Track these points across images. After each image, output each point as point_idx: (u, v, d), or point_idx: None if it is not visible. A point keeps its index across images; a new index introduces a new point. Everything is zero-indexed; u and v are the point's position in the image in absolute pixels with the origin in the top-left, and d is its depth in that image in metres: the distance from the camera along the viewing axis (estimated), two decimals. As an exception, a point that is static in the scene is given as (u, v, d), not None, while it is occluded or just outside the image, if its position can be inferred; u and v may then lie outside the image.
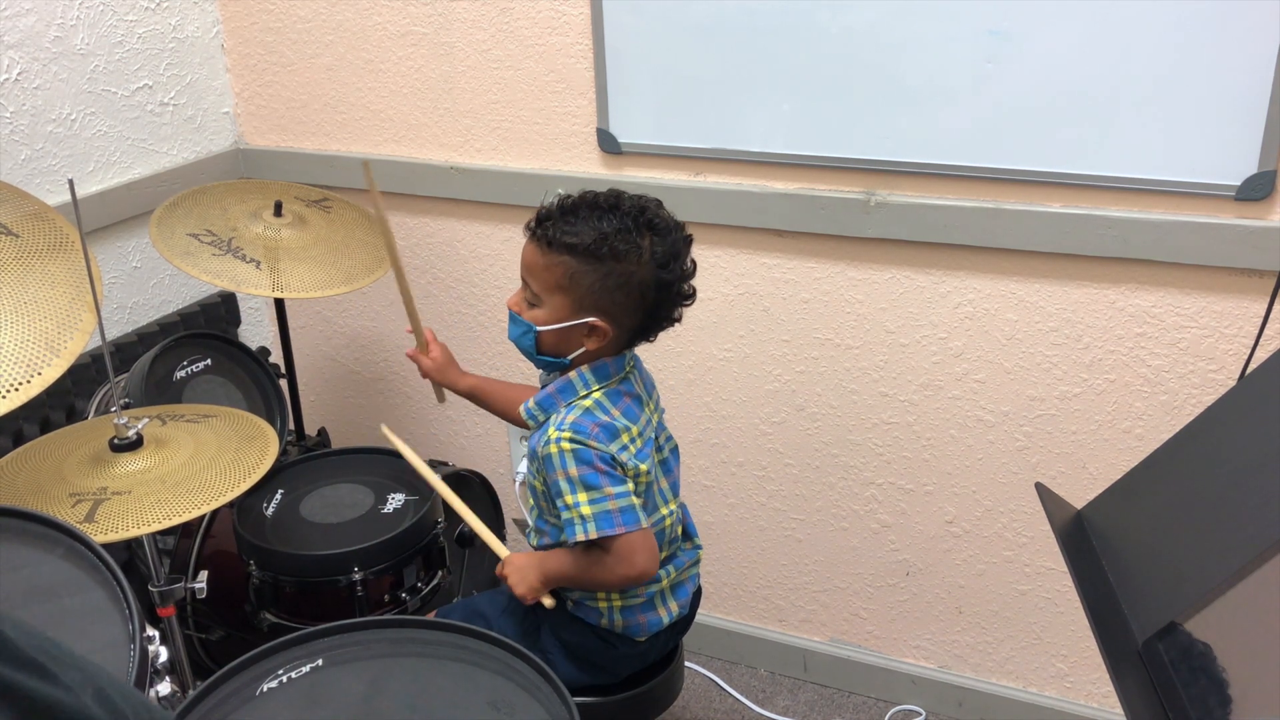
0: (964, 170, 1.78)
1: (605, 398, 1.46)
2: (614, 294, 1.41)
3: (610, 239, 1.38)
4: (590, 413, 1.44)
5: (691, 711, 2.22)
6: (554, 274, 1.41)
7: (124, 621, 1.13)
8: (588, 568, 1.47)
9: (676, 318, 1.49)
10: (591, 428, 1.42)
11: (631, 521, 1.41)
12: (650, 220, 1.42)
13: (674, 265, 1.43)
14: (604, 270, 1.39)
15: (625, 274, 1.40)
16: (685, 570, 1.61)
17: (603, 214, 1.40)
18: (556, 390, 1.48)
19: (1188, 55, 1.58)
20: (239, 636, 1.87)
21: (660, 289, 1.43)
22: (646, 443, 1.49)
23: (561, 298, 1.42)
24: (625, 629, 1.56)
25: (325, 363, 2.56)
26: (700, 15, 1.85)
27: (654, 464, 1.51)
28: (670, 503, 1.56)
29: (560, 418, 1.44)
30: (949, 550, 2.05)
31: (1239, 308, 1.70)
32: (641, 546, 1.43)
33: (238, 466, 1.55)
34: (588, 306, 1.42)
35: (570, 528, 1.42)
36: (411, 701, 1.18)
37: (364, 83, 2.23)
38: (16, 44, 1.92)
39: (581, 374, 1.47)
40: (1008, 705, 2.10)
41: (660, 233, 1.42)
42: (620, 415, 1.46)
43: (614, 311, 1.42)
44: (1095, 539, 1.11)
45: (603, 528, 1.40)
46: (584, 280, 1.40)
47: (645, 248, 1.40)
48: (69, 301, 1.41)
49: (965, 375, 1.92)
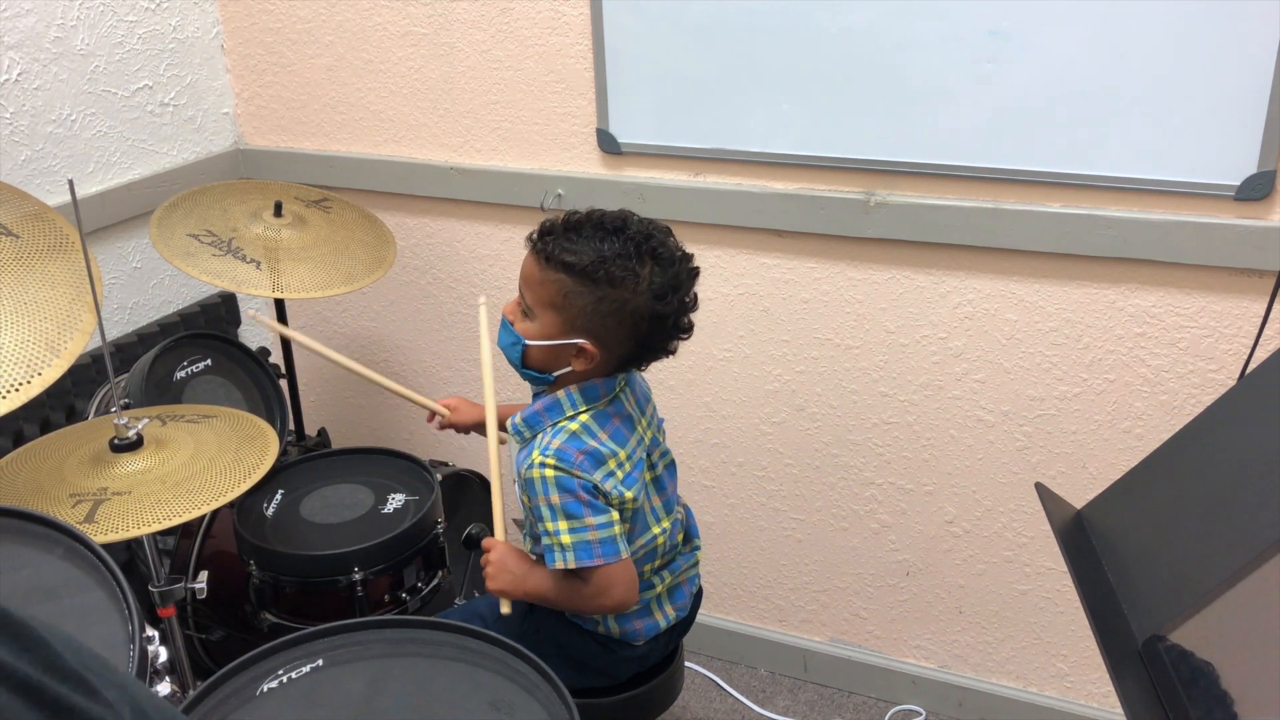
0: (964, 170, 1.78)
1: (593, 420, 1.43)
2: (606, 319, 1.37)
3: (608, 263, 1.34)
4: (576, 437, 1.41)
5: (691, 711, 2.22)
6: (548, 290, 1.39)
7: (124, 621, 1.13)
8: (565, 594, 1.46)
9: (671, 350, 1.45)
10: (576, 455, 1.39)
11: (611, 553, 1.40)
12: (654, 248, 1.38)
13: (671, 298, 1.38)
14: (598, 294, 1.36)
15: (619, 300, 1.36)
16: (683, 573, 1.61)
17: (606, 236, 1.36)
18: (544, 409, 1.45)
19: (1187, 55, 1.58)
20: (239, 636, 1.87)
21: (654, 320, 1.39)
22: (636, 465, 1.46)
23: (553, 315, 1.39)
24: (622, 635, 1.56)
25: (325, 363, 2.55)
26: (700, 15, 1.85)
27: (643, 486, 1.48)
28: (663, 520, 1.53)
29: (545, 440, 1.42)
30: (949, 550, 2.05)
31: (1239, 308, 1.70)
32: (620, 579, 1.42)
33: (238, 466, 1.55)
34: (578, 328, 1.39)
35: (550, 554, 1.41)
36: (411, 701, 1.18)
37: (364, 83, 2.23)
38: (16, 44, 1.93)
39: (570, 394, 1.44)
40: (1008, 705, 2.10)
41: (662, 262, 1.38)
42: (608, 439, 1.43)
43: (604, 337, 1.39)
44: (1095, 539, 1.11)
45: (581, 559, 1.39)
46: (577, 301, 1.37)
47: (644, 276, 1.36)
48: (69, 302, 1.41)
49: (965, 375, 1.92)
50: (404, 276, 2.35)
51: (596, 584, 1.42)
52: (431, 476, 1.85)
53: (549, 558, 1.42)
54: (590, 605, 1.46)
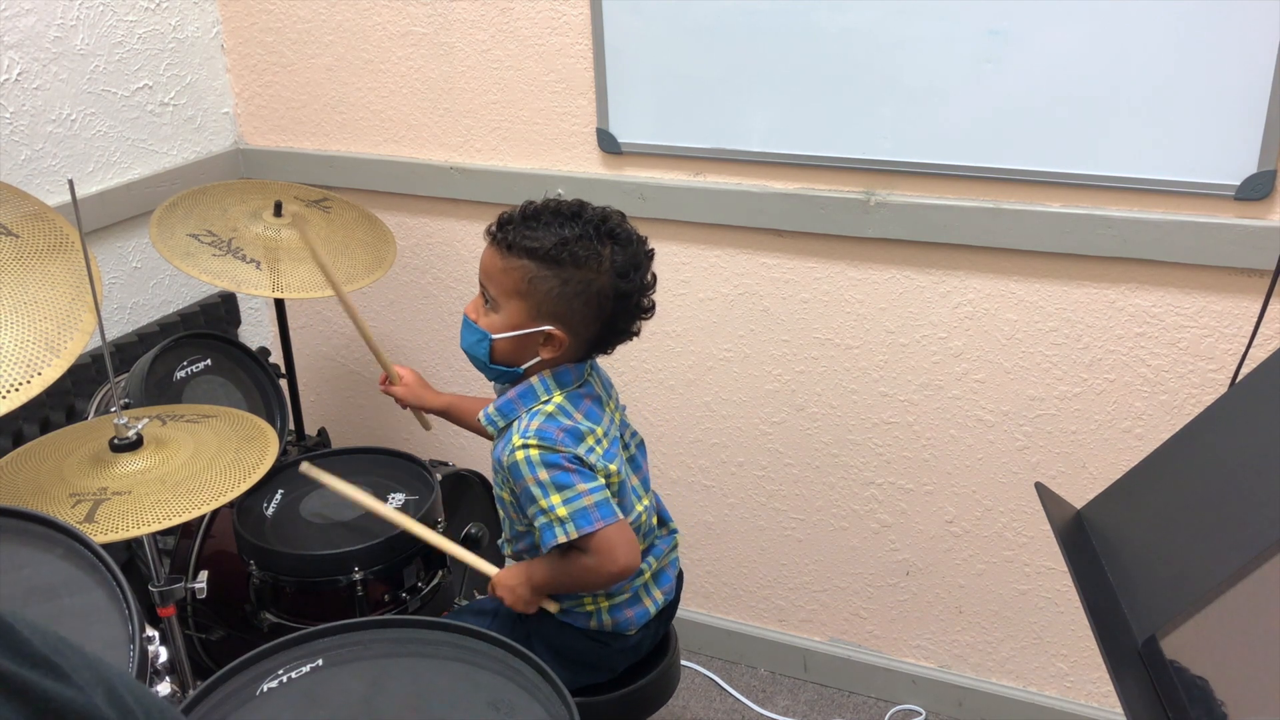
0: (964, 170, 1.78)
1: (567, 401, 1.45)
2: (572, 301, 1.40)
3: (570, 244, 1.37)
4: (553, 418, 1.43)
5: (691, 711, 2.22)
6: (511, 278, 1.40)
7: (124, 621, 1.14)
8: (571, 571, 1.47)
9: (635, 331, 1.48)
10: (557, 433, 1.41)
11: (608, 514, 1.41)
12: (612, 229, 1.41)
13: (634, 276, 1.42)
14: (563, 276, 1.38)
15: (584, 281, 1.39)
16: (665, 557, 1.62)
17: (565, 220, 1.39)
18: (517, 395, 1.47)
19: (1188, 55, 1.58)
20: (239, 636, 1.87)
21: (619, 299, 1.42)
22: (613, 442, 1.48)
23: (518, 303, 1.41)
24: (615, 626, 1.56)
25: (325, 363, 2.56)
26: (700, 15, 1.85)
27: (623, 463, 1.50)
28: (644, 498, 1.56)
29: (524, 424, 1.43)
30: (949, 550, 2.05)
31: (1239, 307, 1.70)
32: (620, 540, 1.42)
33: (238, 466, 1.55)
34: (545, 314, 1.41)
35: (548, 532, 1.41)
36: (411, 701, 1.18)
37: (364, 83, 2.23)
38: (16, 44, 1.93)
39: (543, 379, 1.46)
40: (1008, 705, 2.10)
41: (621, 242, 1.41)
42: (583, 418, 1.45)
43: (571, 320, 1.41)
44: (1095, 539, 1.11)
45: (581, 525, 1.39)
46: (542, 286, 1.39)
47: (605, 256, 1.39)
48: (69, 302, 1.41)
49: (965, 375, 1.92)
50: (404, 276, 2.35)
51: (598, 550, 1.42)
52: (431, 476, 1.85)
53: (547, 536, 1.41)
54: (598, 575, 1.45)
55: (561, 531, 1.40)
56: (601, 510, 1.41)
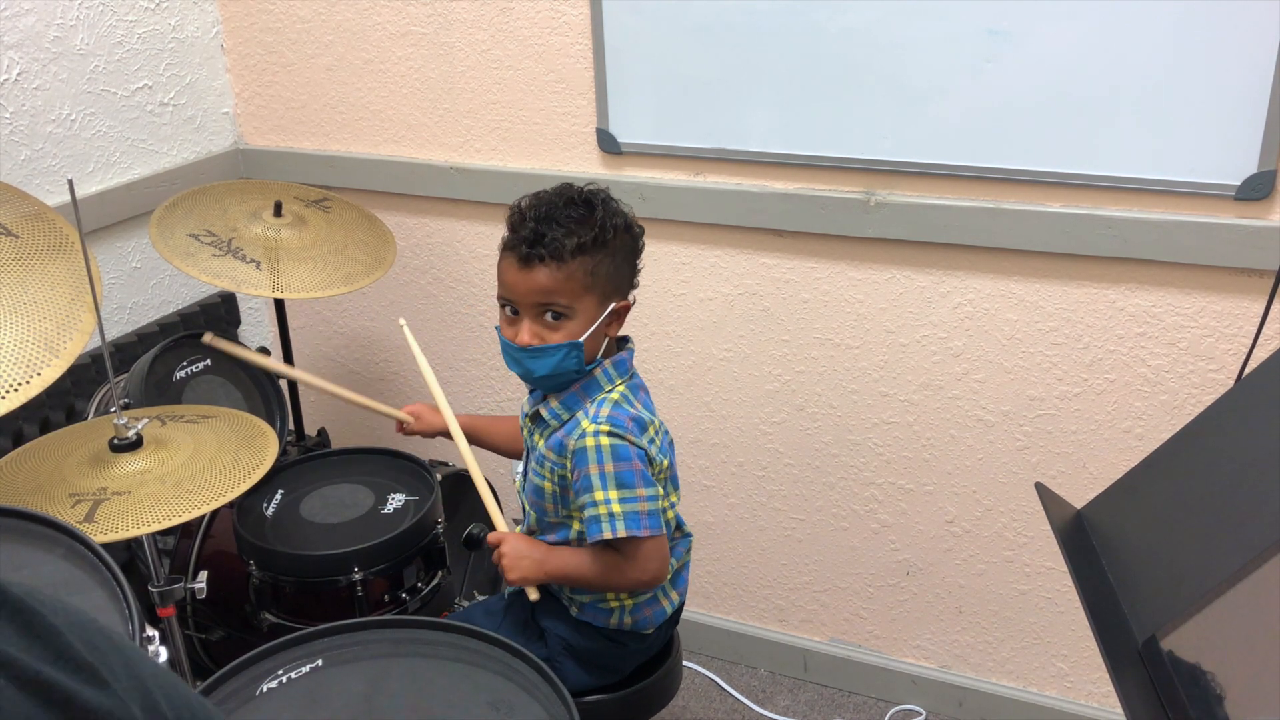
0: (964, 170, 1.78)
1: (628, 390, 1.49)
2: (621, 267, 1.46)
3: (602, 221, 1.42)
4: (620, 405, 1.46)
5: (691, 711, 2.22)
6: (577, 279, 1.42)
7: (124, 622, 1.13)
8: (599, 569, 1.47)
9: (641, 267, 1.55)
10: (626, 421, 1.44)
11: (655, 526, 1.43)
12: (593, 191, 1.47)
13: (626, 209, 1.49)
14: (610, 250, 1.44)
15: (622, 243, 1.46)
16: (682, 559, 1.63)
17: (570, 204, 1.44)
18: (582, 388, 1.49)
19: (1187, 54, 1.58)
20: (239, 636, 1.87)
21: (639, 239, 1.50)
22: (663, 433, 1.52)
23: (589, 297, 1.44)
24: (635, 625, 1.57)
25: (325, 363, 2.56)
26: (700, 15, 1.85)
27: (673, 457, 1.55)
28: (674, 493, 1.57)
29: (595, 411, 1.45)
30: (949, 550, 2.05)
31: (1239, 307, 1.70)
32: (657, 554, 1.45)
33: (238, 467, 1.55)
34: (610, 292, 1.46)
35: (595, 525, 1.42)
36: (411, 701, 1.18)
37: (364, 83, 2.23)
38: (16, 44, 1.92)
39: (605, 369, 1.49)
40: (1008, 705, 2.10)
41: (607, 200, 1.47)
42: (642, 409, 1.49)
43: (623, 285, 1.48)
44: (1095, 539, 1.11)
45: (630, 528, 1.41)
46: (603, 269, 1.43)
47: (617, 211, 1.46)
48: (69, 302, 1.41)
49: (965, 375, 1.92)
50: (404, 276, 2.35)
51: (635, 556, 1.44)
52: (431, 476, 1.85)
53: (593, 529, 1.42)
54: (625, 579, 1.47)
55: (609, 527, 1.41)
56: (651, 520, 1.42)
